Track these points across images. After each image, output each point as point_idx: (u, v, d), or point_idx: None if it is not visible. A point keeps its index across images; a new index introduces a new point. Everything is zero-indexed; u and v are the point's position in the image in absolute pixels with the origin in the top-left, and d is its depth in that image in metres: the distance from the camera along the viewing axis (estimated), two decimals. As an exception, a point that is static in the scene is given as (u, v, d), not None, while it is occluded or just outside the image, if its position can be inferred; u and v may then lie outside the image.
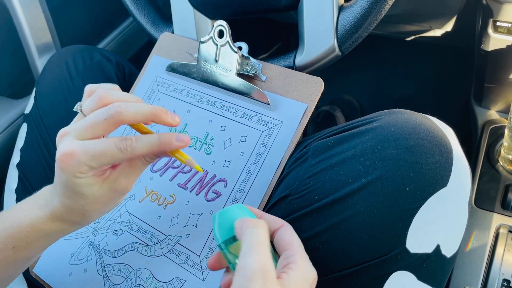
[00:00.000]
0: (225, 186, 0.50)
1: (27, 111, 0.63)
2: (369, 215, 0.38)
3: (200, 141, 0.53)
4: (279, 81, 0.52)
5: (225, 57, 0.52)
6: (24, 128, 0.62)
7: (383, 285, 0.38)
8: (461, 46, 0.90)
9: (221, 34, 0.52)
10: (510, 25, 0.60)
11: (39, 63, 0.74)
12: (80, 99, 0.61)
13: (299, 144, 0.48)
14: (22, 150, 0.61)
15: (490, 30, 0.62)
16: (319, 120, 1.10)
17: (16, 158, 0.61)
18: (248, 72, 0.52)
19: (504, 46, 0.63)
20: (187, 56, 0.57)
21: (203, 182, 0.51)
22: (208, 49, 0.53)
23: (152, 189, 0.53)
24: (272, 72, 0.52)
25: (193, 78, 0.56)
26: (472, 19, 0.69)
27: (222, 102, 0.54)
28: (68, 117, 0.59)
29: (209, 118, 0.54)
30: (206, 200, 0.50)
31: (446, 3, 0.73)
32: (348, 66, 1.14)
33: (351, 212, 0.39)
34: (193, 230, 0.49)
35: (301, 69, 0.54)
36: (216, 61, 0.53)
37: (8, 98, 0.76)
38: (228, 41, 0.52)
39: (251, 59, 0.53)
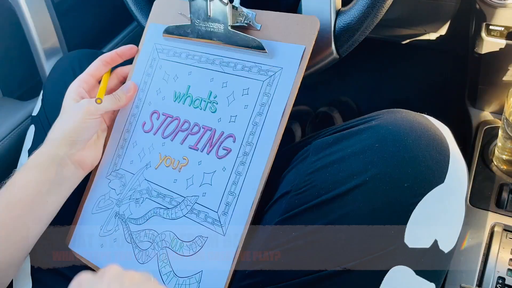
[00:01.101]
0: (234, 142, 0.49)
1: (34, 113, 0.64)
2: (368, 210, 0.39)
3: (204, 101, 0.53)
4: (274, 27, 0.50)
5: (216, 11, 0.51)
6: (31, 130, 0.63)
7: (381, 279, 0.39)
8: (455, 49, 0.90)
9: None
10: (502, 28, 0.61)
11: (47, 66, 0.75)
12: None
13: (300, 143, 0.49)
14: (29, 151, 0.62)
15: (483, 34, 0.63)
16: (318, 121, 1.11)
17: (24, 159, 0.62)
18: (242, 23, 0.51)
19: (497, 49, 0.64)
20: (181, 18, 0.56)
21: (212, 141, 0.51)
22: (198, 6, 0.52)
23: (165, 154, 0.54)
24: (266, 19, 0.51)
25: (190, 38, 0.55)
26: (465, 23, 0.70)
27: (221, 58, 0.53)
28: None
29: (210, 76, 0.53)
30: (217, 157, 0.50)
31: (441, 7, 0.74)
32: (345, 68, 1.15)
33: (351, 208, 0.40)
34: (209, 188, 0.50)
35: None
36: (209, 17, 0.52)
37: (16, 100, 0.77)
38: None
39: (243, 9, 0.52)
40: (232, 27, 0.51)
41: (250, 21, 0.51)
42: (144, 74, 0.59)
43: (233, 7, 0.51)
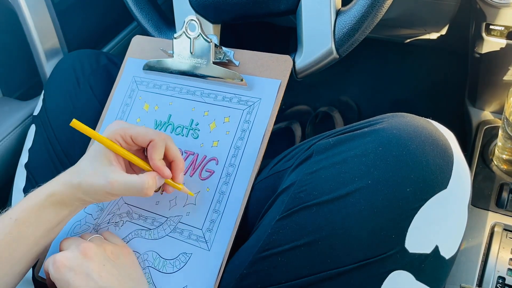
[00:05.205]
0: (217, 164, 0.52)
1: (35, 112, 0.65)
2: (369, 213, 0.39)
3: (186, 128, 0.55)
4: (251, 64, 0.55)
5: (199, 48, 0.55)
6: (32, 129, 0.63)
7: (381, 283, 0.39)
8: (455, 49, 0.91)
9: (192, 28, 0.55)
10: (503, 28, 0.61)
11: (47, 67, 0.75)
12: (85, 101, 0.62)
13: (303, 144, 0.49)
14: (30, 150, 0.62)
15: (483, 33, 0.63)
16: (317, 121, 1.11)
17: (24, 158, 0.62)
18: (221, 59, 0.55)
19: (497, 48, 0.64)
20: (162, 54, 0.59)
21: (195, 164, 0.53)
22: (182, 43, 0.56)
23: None
24: (243, 56, 0.55)
25: (171, 72, 0.58)
26: (466, 22, 0.70)
27: (202, 90, 0.56)
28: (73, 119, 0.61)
29: (192, 106, 0.56)
30: (201, 179, 0.52)
31: (441, 7, 0.74)
32: (345, 68, 1.15)
33: (352, 210, 0.39)
34: (193, 208, 0.51)
35: (300, 71, 0.55)
36: (191, 53, 0.56)
37: (16, 100, 0.77)
38: (200, 33, 0.54)
39: (222, 47, 0.56)
40: (214, 62, 0.55)
41: (229, 58, 0.55)
42: (122, 105, 0.60)
43: (215, 45, 0.55)
